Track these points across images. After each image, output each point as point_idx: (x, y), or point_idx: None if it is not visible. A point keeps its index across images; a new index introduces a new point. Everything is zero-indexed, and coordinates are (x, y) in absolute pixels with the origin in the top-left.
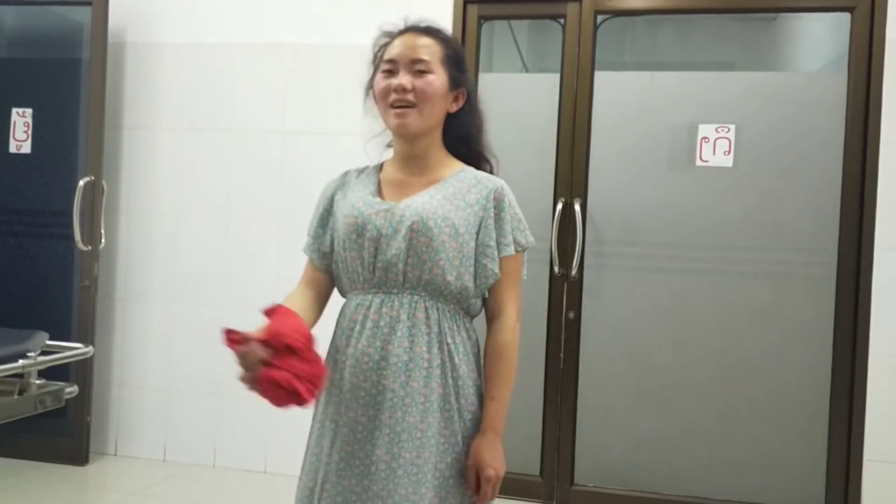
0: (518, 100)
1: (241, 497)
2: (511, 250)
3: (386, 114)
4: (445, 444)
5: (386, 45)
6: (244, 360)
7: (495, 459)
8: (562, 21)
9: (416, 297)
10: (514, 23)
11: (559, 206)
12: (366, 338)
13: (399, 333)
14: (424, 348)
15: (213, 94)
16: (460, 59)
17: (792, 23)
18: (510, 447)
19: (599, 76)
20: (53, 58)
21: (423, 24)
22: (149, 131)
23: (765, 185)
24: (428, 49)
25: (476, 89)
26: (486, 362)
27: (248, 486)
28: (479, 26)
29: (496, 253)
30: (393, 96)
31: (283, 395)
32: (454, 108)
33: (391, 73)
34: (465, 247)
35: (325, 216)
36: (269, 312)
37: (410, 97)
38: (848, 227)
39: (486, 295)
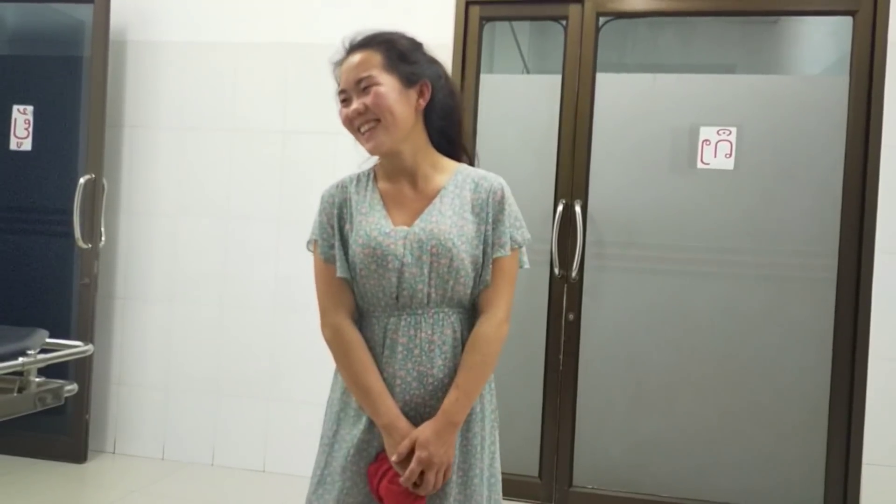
0: (519, 101)
1: (239, 496)
2: (506, 251)
3: (358, 140)
4: (467, 446)
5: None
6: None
7: (433, 444)
8: (564, 22)
9: (440, 315)
10: (515, 24)
11: (560, 208)
12: (398, 362)
13: (434, 354)
14: (453, 364)
15: (214, 93)
16: (406, 54)
17: (793, 26)
18: (509, 448)
19: (601, 78)
20: (55, 55)
21: (359, 39)
22: (149, 130)
23: (766, 188)
24: (365, 63)
25: (443, 75)
26: (462, 355)
27: (247, 485)
28: (481, 27)
29: (490, 259)
30: (356, 122)
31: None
32: (422, 102)
33: (346, 101)
34: (478, 258)
35: (340, 235)
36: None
37: (369, 115)
38: (848, 230)
39: None
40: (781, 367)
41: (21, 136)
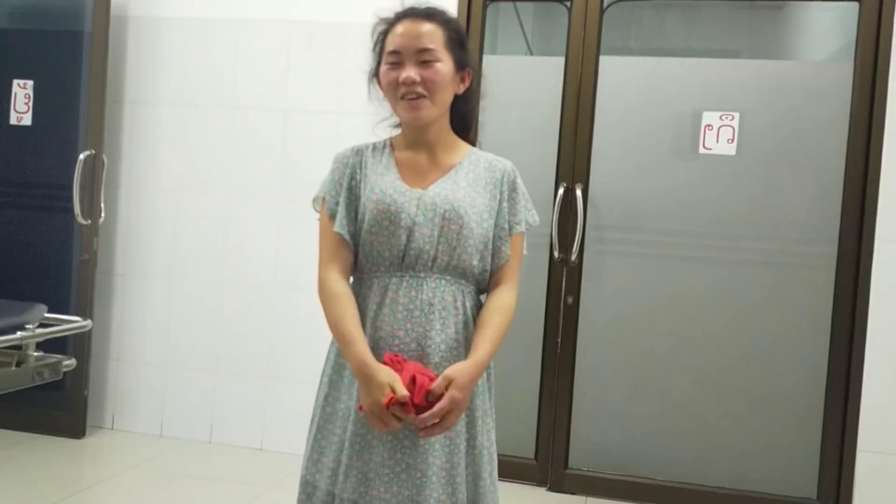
0: (522, 83)
1: (236, 473)
2: (522, 228)
3: (396, 105)
4: (472, 417)
5: (386, 31)
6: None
7: (466, 390)
8: (568, 4)
9: (442, 281)
10: (519, 5)
11: (561, 191)
12: (397, 321)
13: (434, 317)
14: (452, 330)
15: (216, 70)
16: (463, 39)
17: (799, 11)
18: (506, 430)
19: (605, 61)
20: (56, 30)
21: (421, 8)
22: (150, 106)
23: (767, 174)
24: (431, 36)
25: (478, 68)
26: (483, 317)
27: (244, 462)
28: (485, 8)
29: (508, 235)
30: (402, 89)
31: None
32: (462, 88)
33: (397, 64)
34: (488, 231)
35: (350, 196)
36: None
37: (420, 89)
38: (849, 218)
39: None
40: (779, 353)
41: (21, 110)
